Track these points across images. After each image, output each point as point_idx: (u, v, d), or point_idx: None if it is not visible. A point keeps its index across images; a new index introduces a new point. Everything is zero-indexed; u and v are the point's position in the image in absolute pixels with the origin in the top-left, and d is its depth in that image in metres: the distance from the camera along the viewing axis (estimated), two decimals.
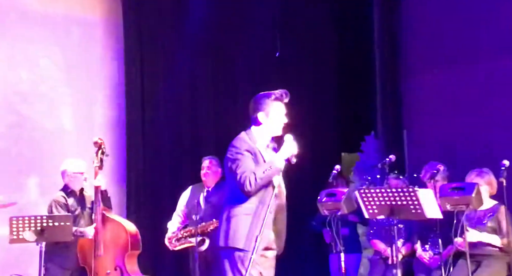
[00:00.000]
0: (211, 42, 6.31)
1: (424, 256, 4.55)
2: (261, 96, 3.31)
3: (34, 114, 5.68)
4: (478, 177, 4.24)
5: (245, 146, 3.21)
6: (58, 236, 4.22)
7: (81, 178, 4.59)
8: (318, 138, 6.52)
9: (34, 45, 5.73)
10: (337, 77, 6.69)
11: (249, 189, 3.13)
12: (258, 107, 3.28)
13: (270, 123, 3.27)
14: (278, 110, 3.27)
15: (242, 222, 3.15)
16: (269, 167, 3.15)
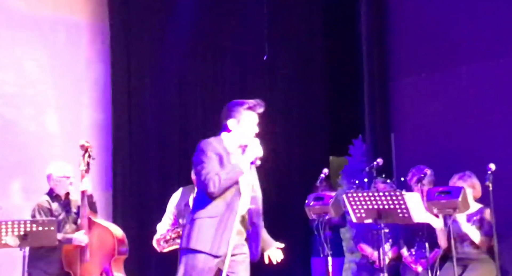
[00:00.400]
0: (198, 45, 6.29)
1: (410, 260, 4.55)
2: (234, 103, 3.35)
3: (19, 117, 5.62)
4: (461, 180, 4.25)
5: (211, 149, 3.23)
6: (41, 241, 4.16)
7: (66, 182, 4.54)
8: (306, 142, 6.52)
9: (19, 47, 5.67)
10: (325, 81, 6.70)
11: (213, 190, 3.14)
12: (230, 114, 3.31)
13: (240, 132, 3.29)
14: (250, 120, 3.30)
15: (206, 224, 3.16)
16: (233, 169, 3.17)
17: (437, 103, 5.51)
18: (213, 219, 3.16)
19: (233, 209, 3.17)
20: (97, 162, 5.18)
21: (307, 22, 6.66)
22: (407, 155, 5.45)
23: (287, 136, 6.52)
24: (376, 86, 5.81)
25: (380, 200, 3.84)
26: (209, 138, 3.32)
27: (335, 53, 6.59)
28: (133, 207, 5.83)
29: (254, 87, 6.44)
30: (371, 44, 5.83)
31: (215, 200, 3.18)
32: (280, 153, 6.44)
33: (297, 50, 6.58)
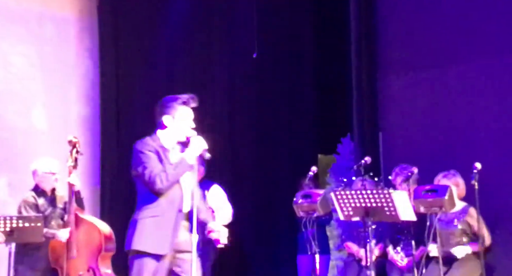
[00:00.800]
0: (187, 41, 6.27)
1: (396, 258, 4.58)
2: (168, 99, 3.33)
3: (6, 112, 5.57)
4: (445, 178, 4.29)
5: (148, 147, 3.21)
6: (28, 237, 4.14)
7: (52, 178, 4.51)
8: (295, 140, 6.54)
9: (7, 42, 5.62)
10: (314, 79, 6.71)
11: (161, 186, 3.13)
12: (165, 110, 3.30)
13: (176, 127, 3.27)
14: (185, 115, 3.28)
15: (147, 224, 3.15)
16: (180, 164, 3.16)
17: (424, 102, 5.54)
18: (156, 218, 3.15)
19: (177, 207, 3.16)
20: (85, 158, 5.15)
21: (297, 20, 6.66)
22: (395, 154, 5.47)
23: (276, 134, 6.53)
24: (364, 85, 5.83)
25: (368, 198, 3.86)
26: (145, 137, 3.29)
27: (324, 52, 6.60)
28: (121, 204, 5.80)
29: (242, 85, 6.44)
30: (359, 42, 5.84)
31: (159, 199, 3.16)
32: (268, 151, 6.46)
33: (285, 48, 6.59)
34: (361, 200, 3.88)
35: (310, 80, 6.70)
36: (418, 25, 5.63)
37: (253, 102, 6.51)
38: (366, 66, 5.81)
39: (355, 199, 3.90)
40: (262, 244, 6.19)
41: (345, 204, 3.94)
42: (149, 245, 3.12)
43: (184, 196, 3.21)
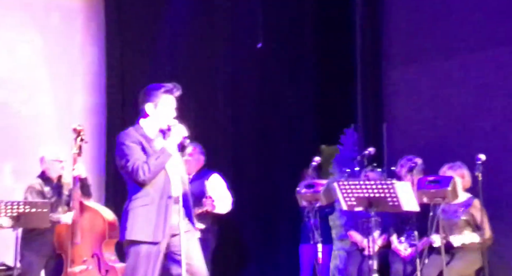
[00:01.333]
0: (192, 31, 6.27)
1: (399, 248, 4.60)
2: (151, 87, 3.35)
3: (12, 100, 5.60)
4: (451, 170, 4.31)
5: (131, 139, 3.24)
6: (34, 222, 4.19)
7: (58, 166, 4.56)
8: (297, 130, 6.54)
9: (13, 30, 5.63)
10: (317, 69, 6.70)
11: (143, 178, 3.15)
12: (147, 98, 3.31)
13: (158, 115, 3.29)
14: (167, 103, 3.29)
15: (139, 214, 3.17)
16: (161, 153, 3.18)
17: (429, 93, 5.54)
18: (146, 207, 3.17)
19: (166, 193, 3.18)
20: (90, 146, 5.19)
21: (300, 10, 6.64)
22: (399, 145, 5.48)
23: (278, 125, 6.54)
24: (369, 76, 5.82)
25: (371, 188, 3.88)
26: (127, 128, 3.33)
27: (328, 42, 6.58)
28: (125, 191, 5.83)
29: (245, 75, 6.44)
30: (365, 33, 5.83)
31: (146, 188, 3.18)
32: (271, 141, 6.47)
33: (289, 38, 6.57)
34: (364, 190, 3.90)
35: (313, 70, 6.69)
36: (422, 16, 5.62)
37: (255, 93, 6.52)
38: (371, 57, 5.80)
39: (358, 189, 3.92)
40: (264, 233, 6.22)
41: (348, 194, 3.96)
42: (142, 234, 3.15)
43: (172, 181, 3.22)
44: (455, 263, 4.24)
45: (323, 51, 6.59)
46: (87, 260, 4.32)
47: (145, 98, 3.31)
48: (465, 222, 4.32)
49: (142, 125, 3.31)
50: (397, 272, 4.52)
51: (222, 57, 6.40)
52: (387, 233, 4.75)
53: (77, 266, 4.30)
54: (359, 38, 5.85)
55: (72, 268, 4.30)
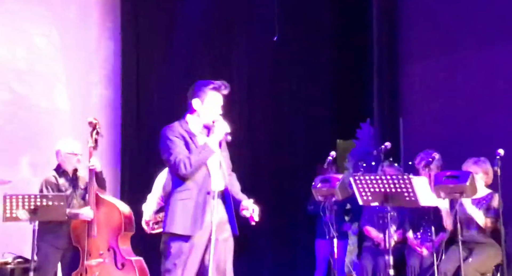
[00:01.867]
0: (208, 24, 6.26)
1: (416, 243, 4.57)
2: (200, 83, 3.36)
3: (29, 93, 5.65)
4: (475, 165, 4.25)
5: (174, 133, 3.27)
6: (51, 215, 4.21)
7: (74, 159, 4.57)
8: (313, 124, 6.52)
9: (30, 23, 5.68)
10: (334, 63, 6.66)
11: (185, 172, 3.20)
12: (195, 94, 3.33)
13: (204, 111, 3.32)
14: (214, 100, 3.32)
15: (177, 207, 3.22)
16: (203, 149, 3.22)
17: (445, 87, 5.49)
18: (185, 201, 3.22)
19: (206, 190, 3.22)
20: (106, 139, 5.21)
21: (317, 4, 6.60)
22: (415, 139, 5.44)
23: (294, 119, 6.52)
24: (385, 70, 5.78)
25: (388, 183, 3.85)
26: (173, 122, 3.34)
27: (345, 36, 6.54)
28: (141, 185, 5.86)
29: (261, 69, 6.42)
30: (381, 27, 5.78)
31: (186, 183, 3.23)
32: (286, 136, 6.45)
33: (305, 32, 6.54)
34: (380, 185, 3.87)
35: (329, 64, 6.66)
36: (439, 10, 5.56)
37: (271, 87, 6.50)
38: (388, 51, 5.76)
39: (374, 184, 3.89)
40: (279, 228, 6.21)
41: (364, 189, 3.93)
42: (179, 227, 3.20)
43: (212, 178, 3.26)
44: (473, 258, 4.20)
45: (339, 46, 6.55)
46: (103, 254, 4.34)
47: (193, 93, 3.34)
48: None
49: (188, 120, 3.35)
50: (414, 267, 4.48)
51: (238, 51, 6.39)
52: (403, 228, 4.71)
53: (94, 259, 4.32)
54: (376, 32, 5.81)
55: (89, 261, 4.33)
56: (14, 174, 5.30)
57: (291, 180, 6.33)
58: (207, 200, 3.21)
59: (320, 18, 6.58)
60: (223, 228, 3.27)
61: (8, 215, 4.17)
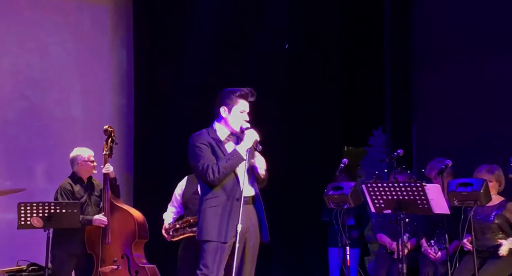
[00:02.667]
0: (220, 31, 6.29)
1: (429, 251, 4.54)
2: (227, 91, 3.39)
3: (44, 101, 5.71)
4: (489, 173, 4.23)
5: (202, 140, 3.31)
6: (65, 222, 4.25)
7: (89, 166, 4.61)
8: (325, 131, 6.51)
9: (45, 32, 5.75)
10: (345, 70, 6.66)
11: (212, 179, 3.23)
12: (222, 101, 3.36)
13: (231, 119, 3.34)
14: (241, 107, 3.34)
15: (209, 214, 3.26)
16: (232, 157, 3.24)
17: (458, 94, 5.47)
18: (215, 208, 3.25)
19: (234, 196, 3.24)
20: (119, 146, 5.22)
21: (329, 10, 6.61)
22: (428, 146, 5.42)
23: (306, 126, 6.52)
24: (398, 77, 5.77)
25: (400, 190, 3.84)
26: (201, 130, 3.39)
27: (357, 43, 6.54)
28: (153, 192, 5.89)
29: (272, 76, 6.43)
30: (393, 34, 5.78)
31: (215, 190, 3.26)
32: (297, 142, 6.45)
33: (317, 39, 6.54)
34: (393, 192, 3.86)
35: (341, 71, 6.66)
36: (452, 17, 5.55)
37: (283, 93, 6.51)
38: (401, 57, 5.75)
39: (387, 192, 3.88)
40: (291, 236, 6.20)
41: (377, 196, 3.92)
42: (211, 234, 3.25)
43: (241, 184, 3.28)
44: (487, 267, 4.17)
45: (351, 52, 6.55)
46: (117, 261, 4.37)
47: (220, 101, 3.37)
48: (497, 225, 4.24)
49: (216, 128, 3.38)
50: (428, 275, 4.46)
51: (249, 58, 6.41)
52: (417, 236, 4.69)
53: (108, 266, 4.35)
54: (389, 39, 5.80)
55: (103, 268, 4.35)
56: (29, 182, 5.36)
57: (303, 187, 6.32)
58: (235, 207, 3.22)
59: (332, 26, 6.59)
60: (252, 234, 3.29)
61: (22, 223, 4.22)
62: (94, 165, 4.61)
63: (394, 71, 5.79)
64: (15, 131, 5.58)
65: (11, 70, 5.61)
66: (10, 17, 5.59)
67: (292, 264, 6.18)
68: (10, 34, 5.59)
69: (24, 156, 5.54)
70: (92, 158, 4.61)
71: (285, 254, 6.18)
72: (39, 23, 5.70)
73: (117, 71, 6.10)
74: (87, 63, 5.91)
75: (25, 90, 5.64)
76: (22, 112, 5.62)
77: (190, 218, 4.46)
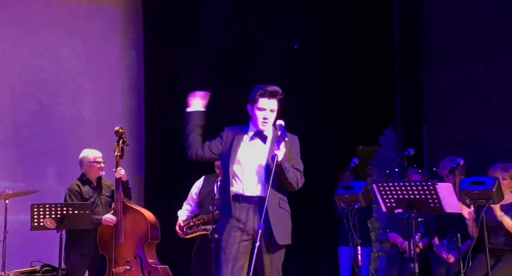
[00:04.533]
0: (230, 31, 6.30)
1: (442, 251, 4.52)
2: (253, 89, 3.39)
3: (56, 103, 5.75)
4: (503, 171, 4.21)
5: (226, 132, 3.40)
6: (77, 224, 4.29)
7: (95, 167, 4.63)
8: (334, 131, 6.50)
9: (56, 34, 5.79)
10: (355, 69, 6.65)
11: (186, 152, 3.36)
12: (249, 99, 3.38)
13: (254, 117, 3.35)
14: (261, 105, 3.32)
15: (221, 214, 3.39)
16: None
17: (469, 93, 5.44)
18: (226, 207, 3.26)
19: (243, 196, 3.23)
20: (129, 147, 5.26)
21: (339, 8, 6.60)
22: (439, 145, 5.40)
23: (316, 125, 6.52)
24: (408, 76, 5.75)
25: (411, 190, 3.82)
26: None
27: (367, 41, 6.52)
28: (164, 192, 5.92)
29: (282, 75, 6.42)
30: (403, 33, 5.77)
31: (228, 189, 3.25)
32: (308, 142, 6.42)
33: (327, 38, 6.54)
34: (404, 191, 3.84)
35: (351, 70, 6.65)
36: (462, 16, 5.52)
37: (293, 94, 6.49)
38: (411, 56, 5.73)
39: (398, 191, 3.86)
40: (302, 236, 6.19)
41: (388, 195, 3.91)
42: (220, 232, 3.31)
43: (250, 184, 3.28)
44: (500, 266, 4.14)
45: (361, 51, 6.54)
46: (130, 261, 4.39)
47: (248, 99, 3.39)
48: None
49: (250, 125, 3.41)
50: (440, 275, 4.44)
51: (259, 59, 6.42)
52: (429, 235, 4.67)
53: (121, 267, 4.37)
54: (398, 37, 5.79)
55: (116, 268, 4.38)
56: (42, 184, 5.40)
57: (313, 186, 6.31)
58: (245, 206, 3.21)
59: (342, 24, 6.58)
60: (266, 235, 3.23)
61: (35, 224, 4.26)
62: (101, 166, 4.64)
63: (404, 70, 5.77)
64: (28, 133, 5.63)
65: (23, 73, 5.66)
66: (22, 21, 5.64)
67: (303, 263, 6.17)
68: (22, 37, 5.63)
69: (36, 158, 5.58)
70: (99, 159, 4.63)
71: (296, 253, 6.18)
72: (51, 26, 5.75)
73: (127, 73, 6.13)
74: (98, 65, 5.95)
75: (37, 93, 5.69)
76: (34, 114, 5.67)
77: (204, 216, 4.49)
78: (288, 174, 3.25)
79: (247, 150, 3.30)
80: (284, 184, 3.29)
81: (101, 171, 4.65)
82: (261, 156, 3.27)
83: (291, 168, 3.29)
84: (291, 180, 3.28)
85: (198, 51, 6.23)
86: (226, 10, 6.21)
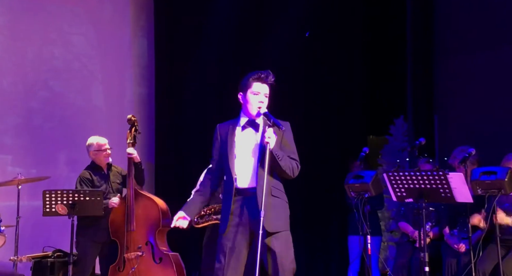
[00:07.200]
0: (240, 20, 6.28)
1: (452, 241, 4.51)
2: (245, 75, 3.23)
3: (67, 91, 5.78)
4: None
5: (218, 132, 3.28)
6: (89, 210, 4.32)
7: (101, 154, 4.64)
8: (346, 121, 6.48)
9: (67, 22, 5.80)
10: (367, 59, 6.61)
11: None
12: (239, 88, 3.22)
13: (247, 103, 3.19)
14: (255, 89, 3.18)
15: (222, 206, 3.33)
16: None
17: (482, 83, 5.40)
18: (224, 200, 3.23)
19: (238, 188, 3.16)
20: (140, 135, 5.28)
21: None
22: (451, 135, 5.37)
23: (326, 115, 6.50)
24: (420, 65, 5.71)
25: (422, 179, 3.80)
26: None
27: (379, 31, 6.48)
28: (175, 180, 5.94)
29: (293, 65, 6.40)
30: (417, 20, 5.72)
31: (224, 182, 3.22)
32: (318, 132, 6.43)
33: (337, 28, 6.50)
34: (415, 181, 3.83)
35: (362, 60, 6.61)
36: (475, 5, 5.46)
37: (304, 82, 6.49)
38: (423, 45, 5.69)
39: (408, 180, 3.85)
40: (312, 225, 6.21)
41: (398, 185, 3.89)
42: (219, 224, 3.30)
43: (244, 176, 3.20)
44: (511, 256, 4.13)
45: (373, 40, 6.49)
46: (141, 248, 4.41)
47: (239, 87, 3.23)
48: None
49: (240, 116, 3.26)
50: (450, 265, 4.43)
51: (270, 47, 6.39)
52: (439, 225, 4.66)
53: (132, 253, 4.40)
54: (411, 27, 5.74)
55: (127, 254, 4.41)
56: (53, 170, 5.44)
57: (323, 176, 6.31)
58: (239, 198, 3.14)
59: (354, 13, 6.53)
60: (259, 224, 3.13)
61: (47, 210, 4.29)
62: (108, 153, 4.64)
63: (416, 60, 5.74)
64: (39, 121, 5.67)
65: (35, 61, 5.68)
66: (33, 9, 5.65)
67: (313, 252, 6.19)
68: (34, 26, 5.65)
69: (48, 145, 5.62)
70: (105, 146, 4.64)
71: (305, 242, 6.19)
72: (62, 14, 5.76)
73: (138, 60, 6.14)
74: (109, 53, 5.96)
75: (48, 81, 5.72)
76: (45, 102, 5.70)
77: (215, 205, 4.49)
78: (281, 162, 3.14)
79: (240, 141, 3.21)
80: (279, 172, 3.19)
81: (107, 157, 4.65)
82: (253, 146, 3.17)
83: (285, 156, 3.18)
84: (285, 168, 3.17)
85: (209, 39, 6.22)
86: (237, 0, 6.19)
